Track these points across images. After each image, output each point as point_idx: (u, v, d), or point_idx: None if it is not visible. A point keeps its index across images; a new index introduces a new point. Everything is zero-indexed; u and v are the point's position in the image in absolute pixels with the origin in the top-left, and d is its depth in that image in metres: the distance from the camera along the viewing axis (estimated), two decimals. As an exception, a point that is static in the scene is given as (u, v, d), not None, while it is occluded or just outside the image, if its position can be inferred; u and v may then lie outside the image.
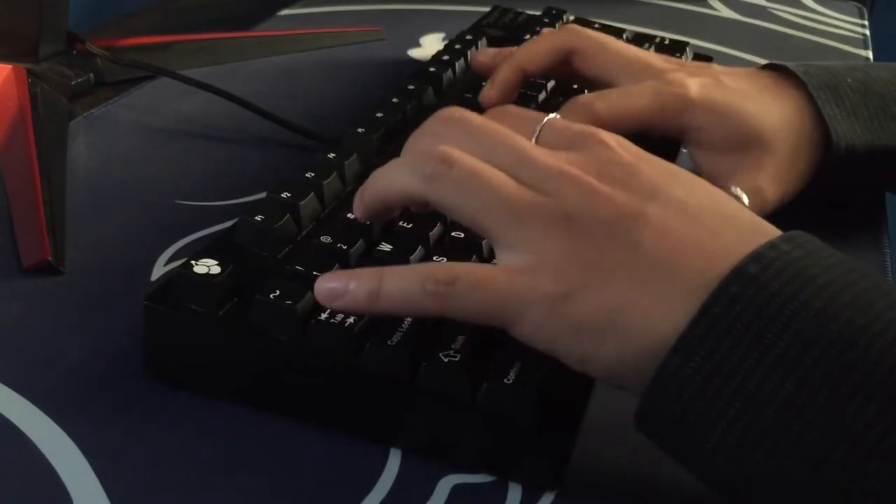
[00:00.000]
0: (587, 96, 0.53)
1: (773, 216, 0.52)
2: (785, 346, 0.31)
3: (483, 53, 0.61)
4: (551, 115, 0.40)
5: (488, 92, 0.57)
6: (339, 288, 0.36)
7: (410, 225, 0.43)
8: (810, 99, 0.54)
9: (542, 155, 0.37)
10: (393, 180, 0.39)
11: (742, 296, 0.32)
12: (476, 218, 0.36)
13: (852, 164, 0.55)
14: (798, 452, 0.30)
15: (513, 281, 0.35)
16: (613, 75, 0.55)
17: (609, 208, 0.35)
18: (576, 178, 0.36)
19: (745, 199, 0.51)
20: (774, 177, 0.53)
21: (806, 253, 0.33)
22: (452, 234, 0.43)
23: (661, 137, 0.55)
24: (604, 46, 0.56)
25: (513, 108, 0.42)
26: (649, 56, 0.57)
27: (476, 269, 0.36)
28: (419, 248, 0.42)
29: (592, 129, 0.39)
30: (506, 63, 0.57)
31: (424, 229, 0.43)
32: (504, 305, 0.35)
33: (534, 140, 0.39)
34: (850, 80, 0.55)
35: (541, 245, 0.35)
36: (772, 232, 0.35)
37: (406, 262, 0.41)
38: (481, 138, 0.38)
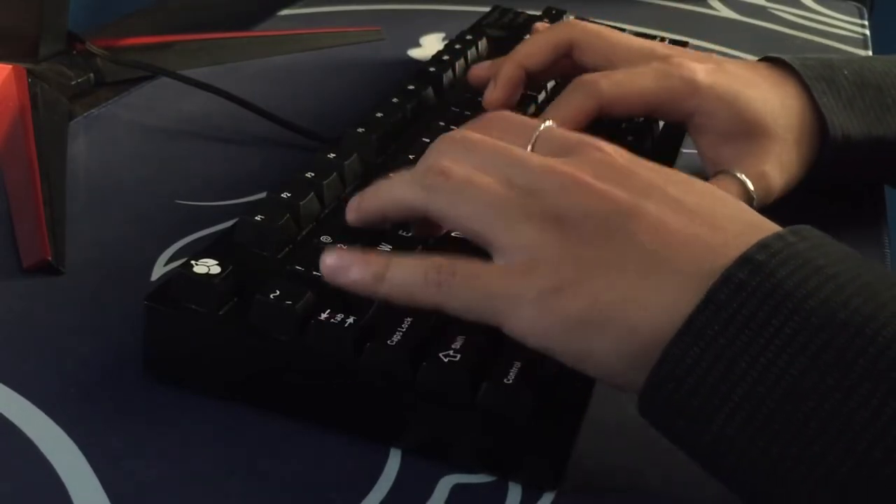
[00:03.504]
0: (591, 75, 0.53)
1: (773, 212, 0.52)
2: (791, 332, 0.31)
3: (478, 68, 0.60)
4: (547, 123, 0.40)
5: (492, 93, 0.56)
6: (344, 265, 0.37)
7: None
8: (807, 90, 0.54)
9: (535, 159, 0.37)
10: (394, 192, 0.39)
11: (749, 282, 0.32)
12: (469, 224, 0.36)
13: (849, 155, 0.55)
14: (802, 439, 0.30)
15: (506, 276, 0.35)
16: (616, 64, 0.55)
17: (603, 204, 0.35)
18: (569, 175, 0.36)
19: (751, 186, 0.51)
20: (779, 164, 0.53)
21: (813, 245, 0.33)
22: (453, 233, 0.43)
23: (665, 122, 0.55)
24: (604, 36, 0.56)
25: (508, 114, 0.42)
26: (652, 44, 0.57)
27: (474, 264, 0.36)
28: (419, 248, 0.42)
29: (588, 137, 0.39)
30: (507, 62, 0.56)
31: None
32: (496, 300, 0.35)
33: (530, 147, 0.39)
34: (846, 71, 0.56)
35: (532, 241, 0.35)
36: (772, 227, 0.35)
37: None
38: (478, 151, 0.38)
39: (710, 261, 0.33)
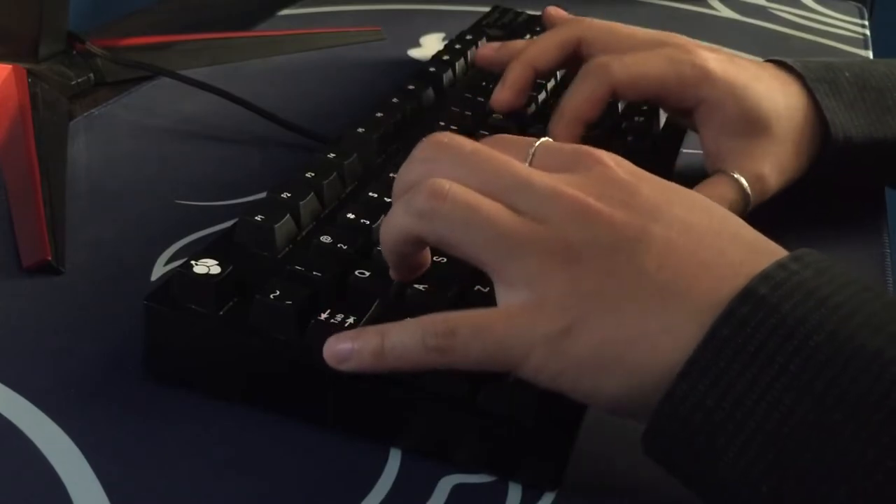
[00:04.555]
0: (602, 58, 0.53)
1: (775, 212, 0.52)
2: (796, 369, 0.30)
3: (486, 47, 0.60)
4: (543, 138, 0.38)
5: (500, 94, 0.56)
6: (345, 350, 0.36)
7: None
8: (810, 91, 0.54)
9: (538, 177, 0.35)
10: (393, 226, 0.37)
11: (752, 317, 0.31)
12: (472, 253, 0.35)
13: (850, 157, 0.55)
14: (810, 478, 0.30)
15: (512, 323, 0.34)
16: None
17: (609, 231, 0.34)
18: (573, 199, 0.34)
19: (748, 188, 0.51)
20: (777, 166, 0.53)
21: (816, 273, 0.32)
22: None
23: (673, 112, 0.55)
24: (611, 31, 0.56)
25: (504, 137, 0.40)
26: (660, 33, 0.56)
27: (474, 316, 0.34)
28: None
29: (588, 148, 0.37)
30: (516, 62, 0.56)
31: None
32: (506, 349, 0.34)
33: (528, 161, 0.37)
34: (847, 74, 0.56)
35: (539, 279, 0.34)
36: (777, 251, 0.34)
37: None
38: (474, 165, 0.36)
39: (716, 291, 0.32)
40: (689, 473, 0.33)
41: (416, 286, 0.39)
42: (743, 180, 0.51)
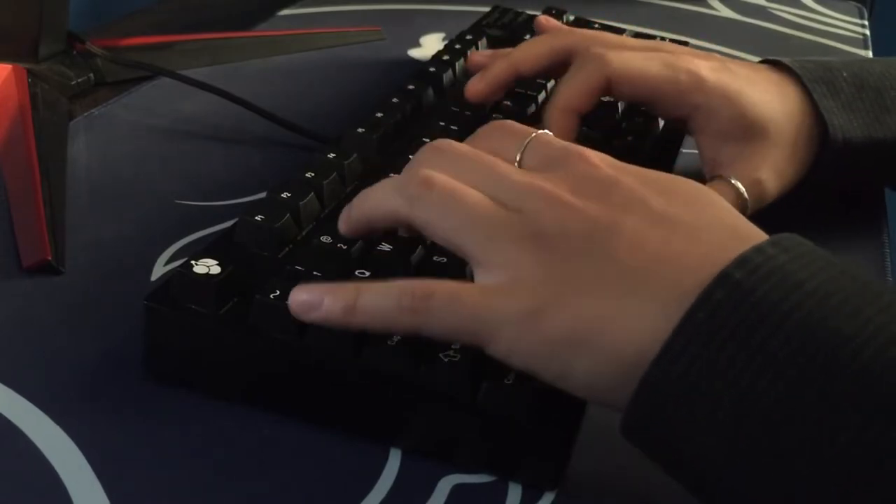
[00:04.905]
0: (599, 48, 0.53)
1: (772, 212, 0.52)
2: (771, 352, 0.30)
3: (478, 54, 0.61)
4: (541, 131, 0.39)
5: (476, 84, 0.56)
6: (314, 300, 0.36)
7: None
8: (807, 92, 0.54)
9: (517, 175, 0.37)
10: (378, 200, 0.39)
11: (727, 301, 0.31)
12: (452, 237, 0.36)
13: (848, 158, 0.55)
14: (782, 461, 0.30)
15: (487, 298, 0.34)
16: None
17: (582, 222, 0.35)
18: (548, 193, 0.36)
19: (745, 192, 0.51)
20: (775, 171, 0.53)
21: (793, 257, 0.32)
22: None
23: (666, 118, 0.55)
24: (606, 42, 0.56)
25: (507, 123, 0.41)
26: (653, 42, 0.57)
27: (452, 285, 0.35)
28: (419, 248, 0.42)
29: (577, 147, 0.38)
30: (501, 60, 0.56)
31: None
32: (478, 322, 0.34)
33: (518, 156, 0.39)
34: (845, 74, 0.56)
35: (514, 262, 0.35)
36: (756, 236, 0.34)
37: (407, 261, 0.41)
38: (462, 163, 0.38)
39: (690, 277, 0.33)
40: (666, 456, 0.33)
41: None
42: (740, 186, 0.52)
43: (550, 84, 0.62)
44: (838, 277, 0.32)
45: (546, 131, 0.40)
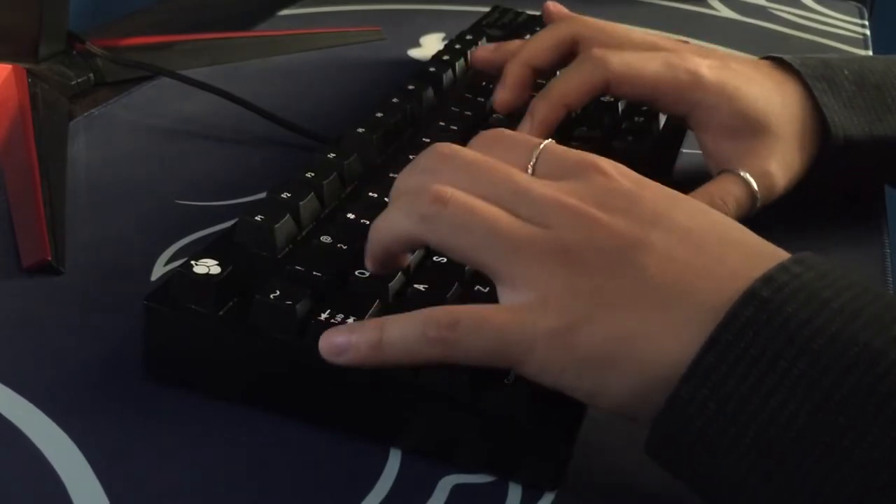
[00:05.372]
0: (601, 49, 0.53)
1: (773, 212, 0.52)
2: (800, 372, 0.30)
3: (482, 49, 0.61)
4: (547, 141, 0.38)
5: (502, 96, 0.56)
6: (342, 343, 0.35)
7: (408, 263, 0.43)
8: (808, 89, 0.54)
9: (538, 187, 0.36)
10: (390, 226, 0.37)
11: (755, 320, 0.31)
12: (474, 256, 0.35)
13: (849, 155, 0.55)
14: (813, 482, 0.30)
15: (515, 318, 0.34)
16: None
17: (610, 238, 0.34)
18: (574, 209, 0.35)
19: (755, 185, 0.51)
20: (782, 163, 0.53)
21: (818, 275, 0.32)
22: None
23: (668, 114, 0.55)
24: (607, 31, 0.56)
25: (507, 133, 0.40)
26: (654, 37, 0.57)
27: (478, 310, 0.34)
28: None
29: (591, 156, 0.38)
30: (513, 63, 0.56)
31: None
32: (508, 345, 0.34)
33: (530, 168, 0.38)
34: (846, 71, 0.56)
35: (541, 279, 0.34)
36: (779, 254, 0.34)
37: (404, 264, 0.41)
38: (475, 174, 0.36)
39: (717, 294, 0.32)
40: (694, 475, 0.33)
41: (416, 286, 0.39)
42: (750, 178, 0.51)
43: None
44: (862, 295, 0.32)
45: (552, 140, 0.39)
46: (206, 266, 0.39)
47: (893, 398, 0.29)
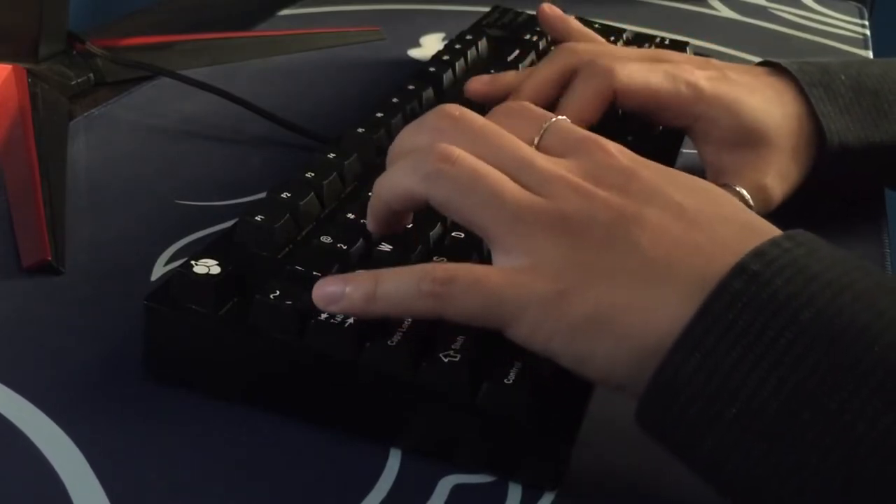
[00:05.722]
0: (604, 61, 0.53)
1: (773, 214, 0.52)
2: (787, 344, 0.31)
3: (477, 81, 0.57)
4: (560, 116, 0.40)
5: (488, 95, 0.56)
6: (336, 292, 0.36)
7: (410, 225, 0.43)
8: (805, 96, 0.54)
9: (542, 160, 0.37)
10: (394, 183, 0.38)
11: (744, 293, 0.32)
12: (474, 216, 0.36)
13: (846, 162, 0.55)
14: (798, 451, 0.30)
15: (510, 281, 0.35)
16: None
17: (605, 211, 0.35)
18: (574, 182, 0.36)
19: (751, 200, 0.52)
20: (779, 176, 0.53)
21: (808, 251, 0.33)
22: (453, 234, 0.43)
23: (668, 127, 0.55)
24: (607, 54, 0.56)
25: (520, 105, 0.41)
26: (652, 52, 0.57)
27: (473, 269, 0.35)
28: (419, 247, 0.42)
29: (595, 136, 0.39)
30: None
31: (425, 229, 0.43)
32: (500, 305, 0.34)
33: (537, 140, 0.39)
34: (843, 77, 0.56)
35: (538, 246, 0.35)
36: (771, 231, 0.35)
37: (406, 261, 0.41)
38: (483, 140, 0.38)
39: (707, 268, 0.33)
40: (681, 445, 0.33)
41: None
42: (745, 192, 0.52)
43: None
44: (852, 271, 0.32)
45: (564, 117, 0.40)
46: (206, 266, 0.39)
47: (878, 370, 0.30)
